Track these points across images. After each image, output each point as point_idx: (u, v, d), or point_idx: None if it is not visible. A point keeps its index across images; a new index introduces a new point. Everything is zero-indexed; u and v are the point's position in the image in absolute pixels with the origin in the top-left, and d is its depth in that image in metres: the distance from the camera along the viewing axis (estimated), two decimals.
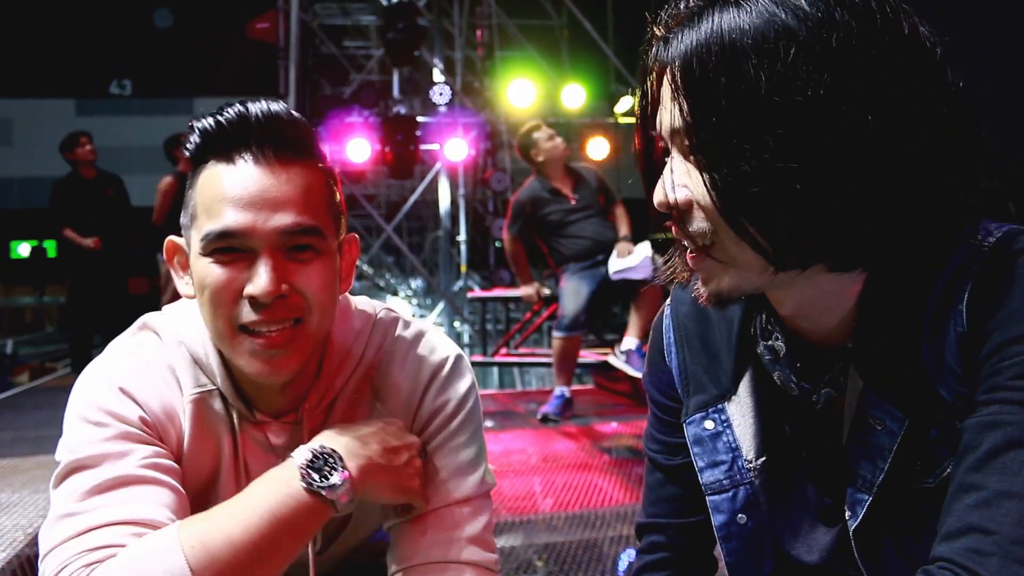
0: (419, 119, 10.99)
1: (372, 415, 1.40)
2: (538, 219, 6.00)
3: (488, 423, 6.23)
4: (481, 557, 1.35)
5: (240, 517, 1.18)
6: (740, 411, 1.21)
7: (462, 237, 12.36)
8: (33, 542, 3.65)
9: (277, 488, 1.21)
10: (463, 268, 12.45)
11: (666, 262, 1.20)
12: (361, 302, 1.49)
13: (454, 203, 12.44)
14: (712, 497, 1.23)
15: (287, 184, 1.24)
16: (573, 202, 5.96)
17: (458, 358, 1.48)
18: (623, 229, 5.99)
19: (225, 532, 1.16)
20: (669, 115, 1.01)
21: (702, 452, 1.24)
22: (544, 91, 11.61)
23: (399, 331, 1.47)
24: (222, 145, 1.25)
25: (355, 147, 10.35)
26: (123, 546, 1.13)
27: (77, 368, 8.00)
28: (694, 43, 0.96)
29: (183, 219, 1.31)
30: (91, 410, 1.26)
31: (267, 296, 1.20)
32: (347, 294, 1.45)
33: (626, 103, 11.63)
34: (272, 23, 11.48)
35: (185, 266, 1.32)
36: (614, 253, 5.84)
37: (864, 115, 0.92)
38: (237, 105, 1.27)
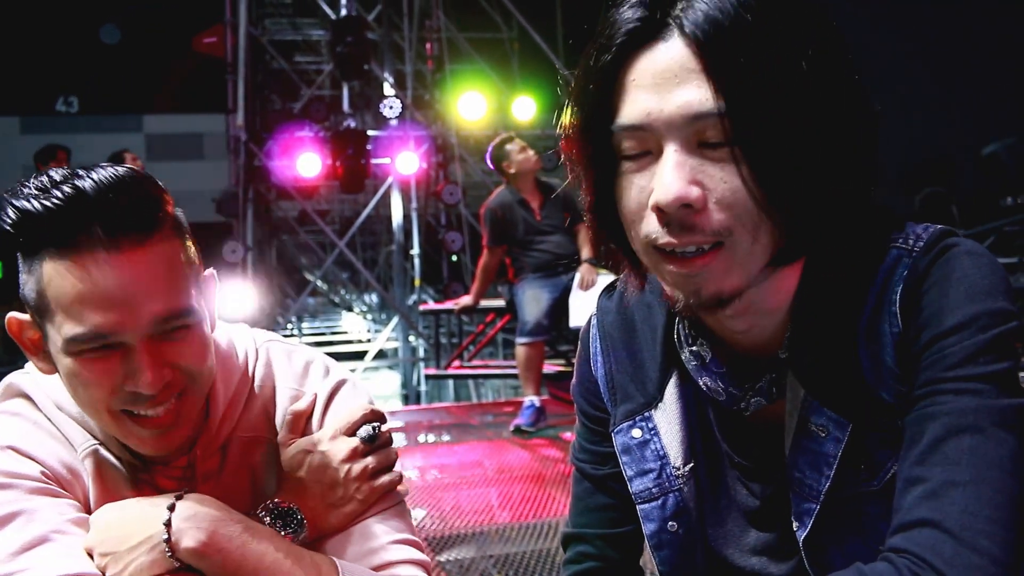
0: (370, 133, 10.98)
1: (269, 453, 1.37)
2: (506, 225, 6.00)
3: (444, 436, 6.22)
4: (416, 555, 1.32)
5: None
6: (666, 418, 1.21)
7: (415, 251, 12.34)
8: None
9: None
10: (417, 282, 12.43)
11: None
12: (241, 336, 1.42)
13: (407, 217, 12.42)
14: (642, 506, 1.23)
15: (147, 270, 1.13)
16: (539, 219, 5.97)
17: (350, 380, 1.44)
18: (586, 250, 5.93)
19: None
20: (681, 100, 0.94)
21: (631, 461, 1.23)
22: (495, 103, 11.64)
23: (286, 362, 1.43)
24: (61, 236, 1.11)
25: (305, 162, 10.32)
26: None
27: None
28: (727, 9, 0.93)
29: (27, 298, 1.17)
30: None
31: (152, 389, 1.15)
32: (224, 330, 1.40)
33: None
34: (220, 37, 11.41)
35: (38, 346, 1.21)
36: (575, 285, 5.83)
37: (844, 96, 0.96)
38: (66, 186, 1.11)
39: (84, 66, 24.08)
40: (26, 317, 1.21)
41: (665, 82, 0.95)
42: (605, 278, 5.76)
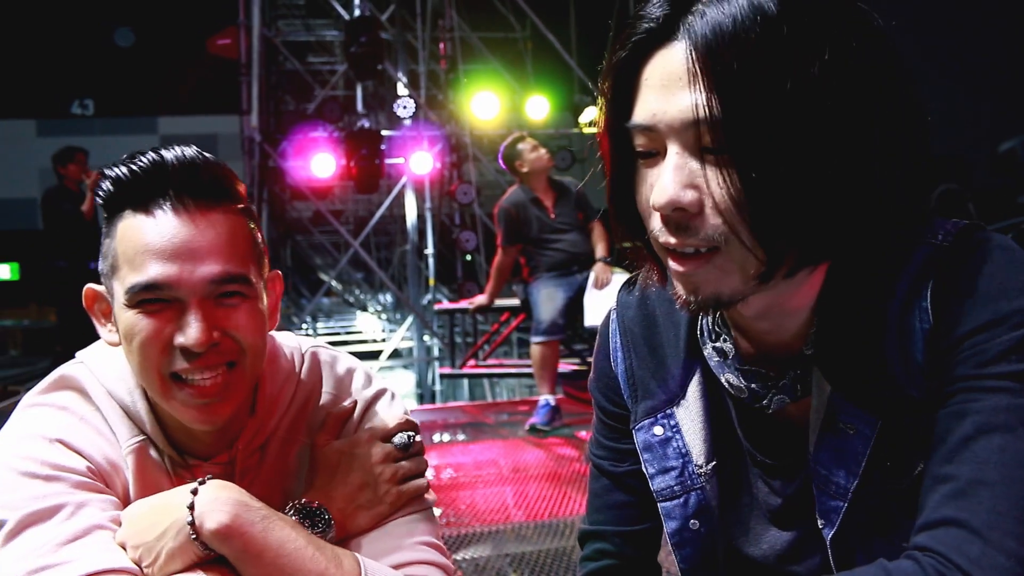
0: (383, 133, 11.01)
1: (301, 455, 1.41)
2: (521, 223, 6.01)
3: (459, 435, 6.22)
4: (439, 558, 1.34)
5: None
6: (689, 416, 1.19)
7: (429, 250, 12.34)
8: None
9: None
10: (431, 281, 12.43)
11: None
12: (287, 339, 1.47)
13: (421, 217, 12.43)
14: (664, 504, 1.22)
15: (210, 232, 1.22)
16: (553, 216, 5.98)
17: (390, 391, 1.49)
18: (600, 249, 5.96)
19: None
20: (682, 104, 0.94)
21: (652, 458, 1.22)
22: (508, 103, 11.64)
23: (330, 368, 1.47)
24: (139, 195, 1.22)
25: (320, 162, 10.34)
26: None
27: None
28: (738, 15, 0.91)
29: (102, 267, 1.28)
30: (32, 464, 1.21)
31: (199, 346, 1.19)
32: (272, 333, 1.43)
33: (591, 113, 11.63)
34: (233, 39, 11.45)
35: (107, 314, 1.30)
36: (589, 284, 5.84)
37: (867, 108, 0.93)
38: (151, 153, 1.23)
39: (99, 69, 24.17)
40: (101, 288, 1.30)
41: (671, 84, 0.95)
42: (620, 277, 5.76)
